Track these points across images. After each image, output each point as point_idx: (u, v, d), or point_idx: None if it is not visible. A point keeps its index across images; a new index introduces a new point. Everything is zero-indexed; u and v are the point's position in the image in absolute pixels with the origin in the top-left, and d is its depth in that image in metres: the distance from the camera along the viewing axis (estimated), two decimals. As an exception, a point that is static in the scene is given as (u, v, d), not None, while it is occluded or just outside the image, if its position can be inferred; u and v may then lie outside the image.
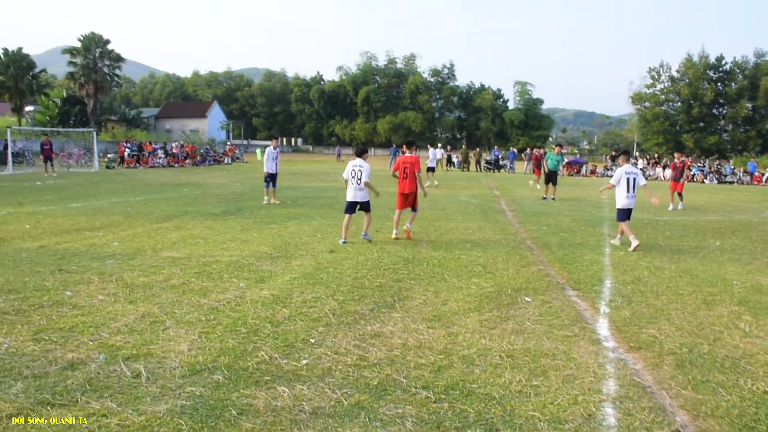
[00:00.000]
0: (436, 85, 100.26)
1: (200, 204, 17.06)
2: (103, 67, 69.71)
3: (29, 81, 62.53)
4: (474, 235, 12.31)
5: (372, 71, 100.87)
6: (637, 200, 11.59)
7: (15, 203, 16.35)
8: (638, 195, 11.68)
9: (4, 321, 5.83)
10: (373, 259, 9.48)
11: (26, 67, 62.18)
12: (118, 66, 71.74)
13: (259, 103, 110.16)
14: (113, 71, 71.52)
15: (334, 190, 23.08)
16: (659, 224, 15.27)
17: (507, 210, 17.80)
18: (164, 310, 6.34)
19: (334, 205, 17.03)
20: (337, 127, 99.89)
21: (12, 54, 61.23)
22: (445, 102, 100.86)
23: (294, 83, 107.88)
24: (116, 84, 76.58)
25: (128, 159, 41.13)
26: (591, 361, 5.16)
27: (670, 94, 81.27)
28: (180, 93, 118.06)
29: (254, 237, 11.33)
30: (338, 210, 15.98)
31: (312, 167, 46.77)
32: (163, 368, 4.73)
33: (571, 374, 4.87)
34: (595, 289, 7.87)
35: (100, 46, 68.93)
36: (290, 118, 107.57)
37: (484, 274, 8.53)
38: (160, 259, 9.00)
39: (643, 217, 16.76)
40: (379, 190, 12.06)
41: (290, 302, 6.78)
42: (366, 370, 4.83)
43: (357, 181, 11.05)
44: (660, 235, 13.06)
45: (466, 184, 30.19)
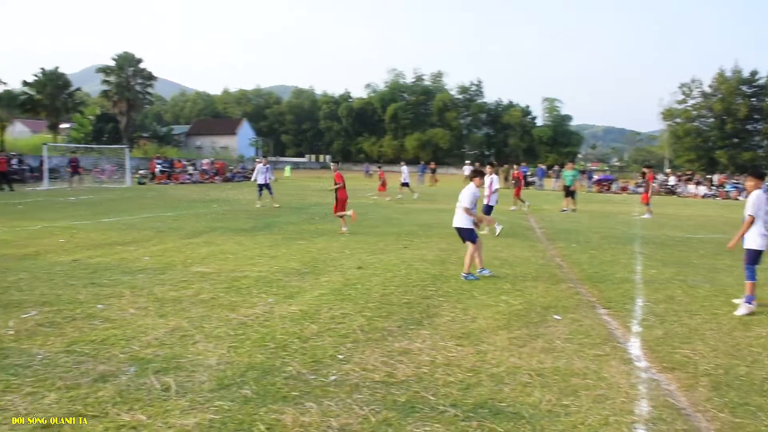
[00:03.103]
0: (463, 102, 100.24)
1: (230, 220, 17.21)
2: (136, 85, 71.00)
3: (65, 99, 63.82)
4: (503, 252, 12.22)
5: (400, 88, 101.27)
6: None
7: (50, 218, 16.65)
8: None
9: (39, 332, 5.93)
10: (401, 275, 9.46)
11: (62, 85, 63.51)
12: (150, 84, 73.03)
13: (287, 120, 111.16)
14: (145, 89, 72.81)
15: (362, 207, 23.12)
16: (693, 242, 15.01)
17: (536, 227, 17.66)
18: (194, 324, 6.39)
19: (362, 222, 17.04)
20: (365, 144, 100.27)
21: (49, 73, 62.62)
22: (473, 119, 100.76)
23: (322, 100, 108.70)
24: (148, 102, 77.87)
25: (159, 175, 41.69)
26: (623, 381, 5.07)
27: (703, 110, 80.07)
28: (210, 110, 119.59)
29: (283, 253, 11.39)
30: (366, 226, 16.02)
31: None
32: (193, 382, 4.76)
33: (602, 394, 4.79)
34: (627, 307, 7.75)
35: (133, 65, 70.26)
36: (319, 135, 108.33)
37: (512, 292, 8.45)
38: (189, 274, 9.09)
39: (675, 234, 16.53)
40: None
41: (318, 318, 6.79)
42: (394, 387, 4.81)
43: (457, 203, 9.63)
44: (694, 253, 12.83)
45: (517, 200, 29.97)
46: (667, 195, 43.54)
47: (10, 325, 6.16)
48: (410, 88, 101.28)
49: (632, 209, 25.52)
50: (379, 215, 19.54)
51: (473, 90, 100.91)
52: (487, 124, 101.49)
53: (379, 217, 18.71)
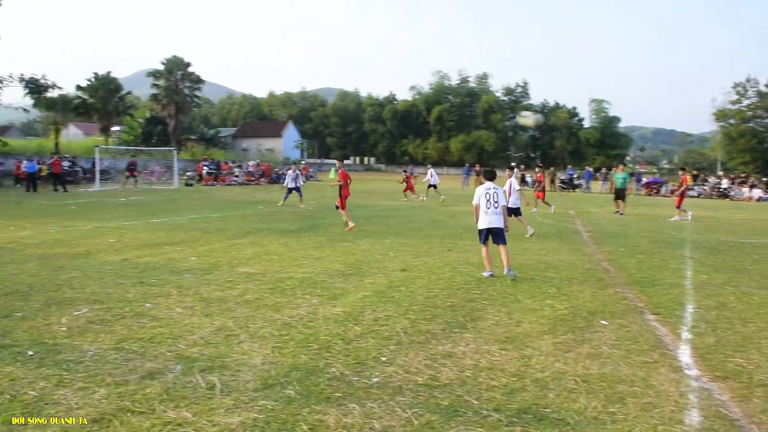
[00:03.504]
0: (509, 104, 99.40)
1: (275, 221, 17.40)
2: (184, 88, 72.46)
3: (116, 103, 65.50)
4: (548, 255, 12.07)
5: (444, 90, 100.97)
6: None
7: (101, 218, 17.09)
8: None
9: (90, 330, 6.10)
10: (445, 278, 9.42)
11: (114, 89, 65.19)
12: (198, 87, 74.43)
13: (332, 122, 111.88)
14: (193, 92, 74.26)
15: (407, 209, 23.13)
16: (746, 247, 14.58)
17: (582, 230, 17.40)
18: (239, 324, 6.47)
19: (406, 224, 17.05)
20: (409, 146, 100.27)
21: (101, 78, 64.34)
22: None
23: (367, 103, 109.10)
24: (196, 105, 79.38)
25: (206, 177, 42.42)
26: (672, 390, 4.94)
27: (758, 110, 77.67)
28: (256, 113, 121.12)
29: (327, 254, 11.46)
30: (411, 229, 16.03)
31: (385, 186, 46.96)
32: (237, 381, 4.82)
33: (650, 402, 4.68)
34: (677, 313, 7.56)
35: (182, 68, 71.71)
36: (363, 138, 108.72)
37: (558, 296, 8.33)
38: (235, 275, 9.21)
39: (727, 239, 16.09)
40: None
41: (362, 320, 6.81)
42: (437, 390, 4.79)
43: (494, 204, 9.78)
44: (747, 259, 12.46)
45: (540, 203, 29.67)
46: (719, 198, 42.43)
47: (62, 322, 6.35)
48: (455, 90, 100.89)
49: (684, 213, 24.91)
50: (424, 218, 19.51)
51: (519, 91, 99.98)
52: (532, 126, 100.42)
53: (423, 220, 18.68)
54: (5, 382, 4.66)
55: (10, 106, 43.57)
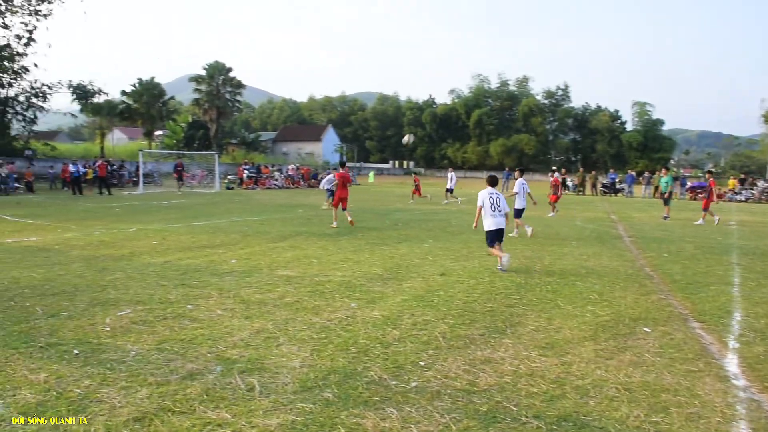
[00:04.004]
0: (549, 107, 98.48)
1: (314, 225, 17.49)
2: (226, 93, 73.45)
3: (159, 107, 66.76)
4: (589, 261, 11.90)
5: (484, 94, 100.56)
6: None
7: (144, 221, 17.42)
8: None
9: (133, 330, 6.21)
10: (484, 283, 9.35)
11: (157, 94, 66.47)
12: (239, 92, 75.38)
13: (372, 126, 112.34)
14: (234, 97, 75.22)
15: (446, 213, 23.04)
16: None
17: (625, 235, 17.10)
18: (278, 326, 6.52)
19: (445, 228, 16.98)
20: (449, 150, 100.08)
21: (145, 83, 65.69)
22: (560, 124, 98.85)
23: (406, 106, 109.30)
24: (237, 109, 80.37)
25: (247, 180, 42.90)
26: (718, 400, 4.82)
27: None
28: (296, 117, 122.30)
29: (366, 258, 11.48)
30: (449, 233, 15.97)
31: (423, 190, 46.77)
32: (276, 383, 4.86)
33: (695, 413, 4.57)
34: (723, 321, 7.36)
35: (223, 73, 72.71)
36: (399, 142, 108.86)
37: (600, 302, 8.20)
38: (275, 278, 9.29)
39: (776, 245, 15.65)
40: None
41: (401, 324, 6.80)
42: (476, 396, 4.75)
43: (498, 208, 10.82)
44: (796, 266, 12.10)
45: (582, 208, 29.32)
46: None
47: (106, 322, 6.48)
48: (495, 94, 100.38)
49: (729, 218, 24.35)
50: (463, 222, 19.41)
51: (560, 94, 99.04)
52: (573, 130, 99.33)
53: (462, 224, 18.58)
54: (52, 380, 4.78)
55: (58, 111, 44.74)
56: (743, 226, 21.18)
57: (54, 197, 28.32)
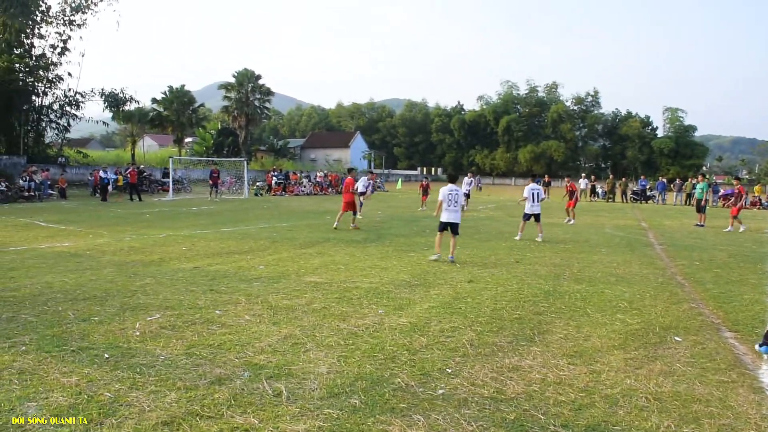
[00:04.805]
0: (579, 114, 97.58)
1: (342, 231, 17.54)
2: (255, 100, 74.06)
3: (189, 115, 67.49)
4: (619, 268, 11.75)
5: (513, 100, 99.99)
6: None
7: (174, 227, 17.63)
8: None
9: (162, 335, 6.28)
10: (512, 290, 9.29)
11: (187, 102, 67.21)
12: (268, 99, 75.95)
13: (400, 133, 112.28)
14: (263, 104, 75.80)
15: (474, 220, 22.94)
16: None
17: (655, 243, 16.86)
18: (306, 332, 6.55)
19: (473, 235, 16.90)
20: (477, 156, 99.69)
21: (175, 91, 66.51)
22: (589, 130, 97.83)
23: (435, 113, 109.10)
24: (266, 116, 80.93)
25: (275, 187, 43.18)
26: (752, 412, 4.72)
27: None
28: (324, 124, 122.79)
29: (393, 264, 11.48)
30: (478, 240, 15.92)
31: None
32: (303, 389, 4.87)
33: (727, 424, 4.48)
34: (757, 331, 7.19)
35: (252, 81, 73.37)
36: (431, 148, 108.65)
37: (629, 310, 8.10)
38: (302, 284, 9.33)
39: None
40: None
41: (428, 331, 6.78)
42: (503, 404, 4.72)
43: (454, 203, 12.14)
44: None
45: (612, 215, 28.99)
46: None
47: (136, 327, 6.56)
48: (523, 100, 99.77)
49: (763, 225, 23.89)
50: (491, 228, 19.32)
51: (589, 101, 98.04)
52: (603, 136, 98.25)
53: (490, 231, 18.50)
54: (83, 383, 4.85)
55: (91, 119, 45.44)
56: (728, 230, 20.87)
57: (86, 203, 28.78)
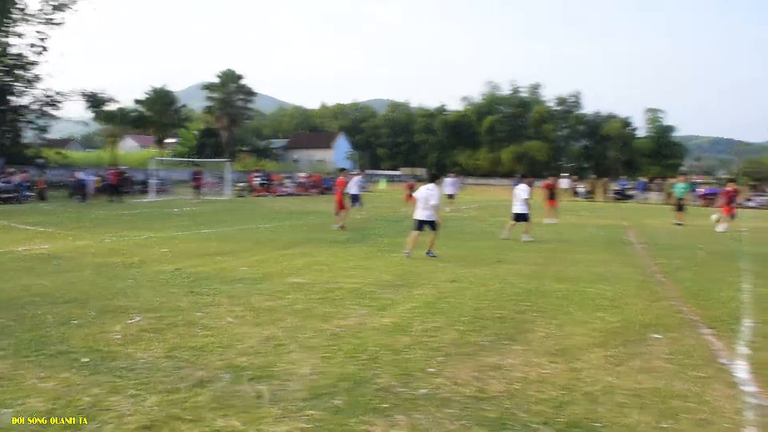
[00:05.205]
0: (561, 114, 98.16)
1: (325, 231, 17.54)
2: (237, 101, 73.90)
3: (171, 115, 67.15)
4: (600, 267, 11.85)
5: (496, 101, 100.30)
6: None
7: (154, 228, 17.51)
8: None
9: (143, 338, 6.24)
10: (495, 289, 9.34)
11: (169, 102, 66.88)
12: (251, 100, 75.83)
13: (383, 133, 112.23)
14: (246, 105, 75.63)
15: (458, 220, 23.01)
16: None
17: (636, 242, 17.02)
18: (288, 334, 6.53)
19: (455, 235, 16.95)
20: (460, 156, 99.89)
21: (158, 91, 66.14)
22: (571, 131, 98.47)
23: (418, 114, 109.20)
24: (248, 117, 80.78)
25: (258, 188, 43.06)
26: (728, 406, 4.79)
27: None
28: (308, 124, 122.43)
29: (377, 265, 11.49)
30: (461, 240, 15.99)
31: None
32: (285, 390, 4.87)
33: (705, 419, 4.54)
34: (733, 328, 7.31)
35: (235, 81, 73.17)
36: (414, 148, 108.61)
37: (610, 309, 8.17)
38: (285, 285, 9.31)
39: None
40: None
41: (411, 331, 6.79)
42: (485, 403, 4.74)
43: (428, 203, 12.49)
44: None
45: (593, 214, 29.22)
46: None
47: (117, 330, 6.51)
48: (507, 101, 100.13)
49: (741, 224, 24.17)
50: (474, 228, 19.40)
51: (571, 101, 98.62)
52: (585, 136, 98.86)
53: (473, 231, 18.58)
54: (61, 388, 4.81)
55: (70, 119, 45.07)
56: (755, 233, 21.06)
57: (66, 205, 28.48)
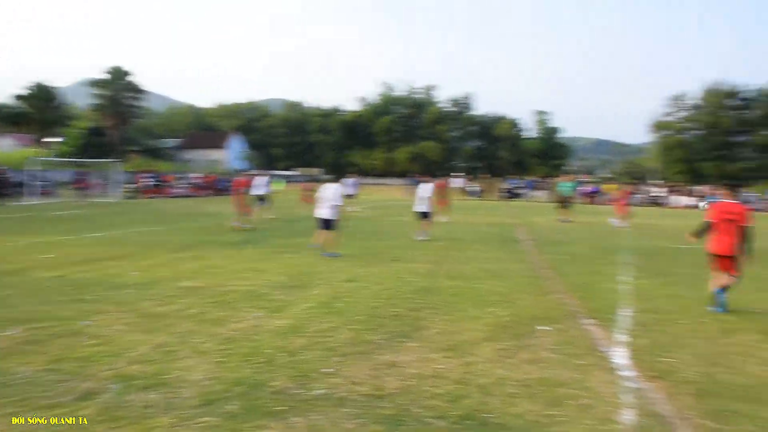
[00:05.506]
0: (455, 115, 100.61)
1: (218, 233, 17.17)
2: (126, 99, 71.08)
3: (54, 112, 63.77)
4: (491, 264, 12.27)
5: (392, 101, 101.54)
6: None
7: (37, 233, 16.56)
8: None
9: (23, 351, 5.86)
10: (390, 288, 9.47)
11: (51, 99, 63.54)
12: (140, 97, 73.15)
13: (279, 133, 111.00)
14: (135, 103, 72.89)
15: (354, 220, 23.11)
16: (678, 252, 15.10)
17: (525, 239, 17.74)
18: (180, 339, 6.36)
19: (352, 235, 17.03)
20: (356, 156, 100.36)
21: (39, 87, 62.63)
22: (464, 132, 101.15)
23: (314, 113, 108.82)
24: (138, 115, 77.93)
25: (149, 189, 41.63)
26: (608, 391, 5.11)
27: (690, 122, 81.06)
28: (202, 124, 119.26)
29: (272, 266, 11.37)
30: (360, 240, 16.09)
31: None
32: (178, 398, 4.74)
33: (587, 404, 4.82)
34: (613, 317, 7.79)
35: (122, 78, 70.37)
36: (310, 148, 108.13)
37: (501, 304, 8.48)
38: (177, 289, 9.05)
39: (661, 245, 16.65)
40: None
41: (306, 332, 6.78)
42: (381, 401, 4.82)
43: (328, 201, 12.96)
44: (679, 263, 12.94)
45: (485, 213, 30.15)
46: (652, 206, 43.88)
47: (-6, 342, 6.12)
48: (402, 101, 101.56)
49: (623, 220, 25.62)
50: (370, 228, 19.57)
51: (464, 103, 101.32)
52: (477, 137, 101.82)
53: (370, 230, 18.73)
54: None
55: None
56: (633, 228, 22.44)
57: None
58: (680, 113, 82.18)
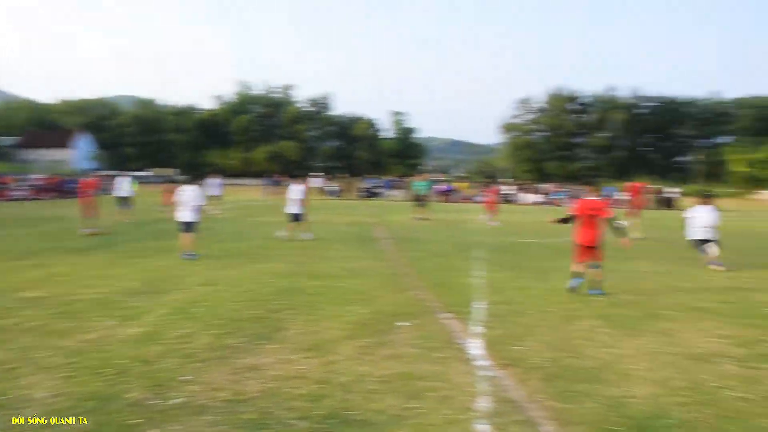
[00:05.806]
0: (313, 115, 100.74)
1: (64, 239, 16.06)
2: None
3: None
4: (351, 263, 12.38)
5: (249, 100, 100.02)
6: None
7: None
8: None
9: None
10: (250, 290, 9.31)
11: None
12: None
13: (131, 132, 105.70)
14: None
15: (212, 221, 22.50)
16: (528, 246, 16.03)
17: (383, 237, 18.06)
18: (21, 355, 5.86)
19: (208, 237, 16.57)
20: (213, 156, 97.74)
21: None
22: (323, 131, 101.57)
23: (168, 112, 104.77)
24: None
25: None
26: (465, 380, 5.33)
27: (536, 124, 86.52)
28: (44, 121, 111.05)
29: (123, 272, 10.80)
30: (217, 242, 15.66)
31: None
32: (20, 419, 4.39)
33: (446, 395, 5.00)
34: (468, 311, 8.12)
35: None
36: (164, 147, 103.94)
37: (361, 302, 8.58)
38: (16, 300, 8.34)
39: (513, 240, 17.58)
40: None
41: (162, 339, 6.52)
42: (242, 405, 4.73)
43: (188, 203, 12.89)
44: (527, 257, 13.75)
45: (344, 212, 30.40)
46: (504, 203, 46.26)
47: None
48: (260, 100, 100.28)
49: (474, 217, 26.77)
50: (228, 230, 19.13)
51: (323, 103, 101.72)
52: (336, 137, 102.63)
53: (228, 232, 18.31)
54: None
55: None
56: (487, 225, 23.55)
57: None
58: (527, 116, 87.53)
